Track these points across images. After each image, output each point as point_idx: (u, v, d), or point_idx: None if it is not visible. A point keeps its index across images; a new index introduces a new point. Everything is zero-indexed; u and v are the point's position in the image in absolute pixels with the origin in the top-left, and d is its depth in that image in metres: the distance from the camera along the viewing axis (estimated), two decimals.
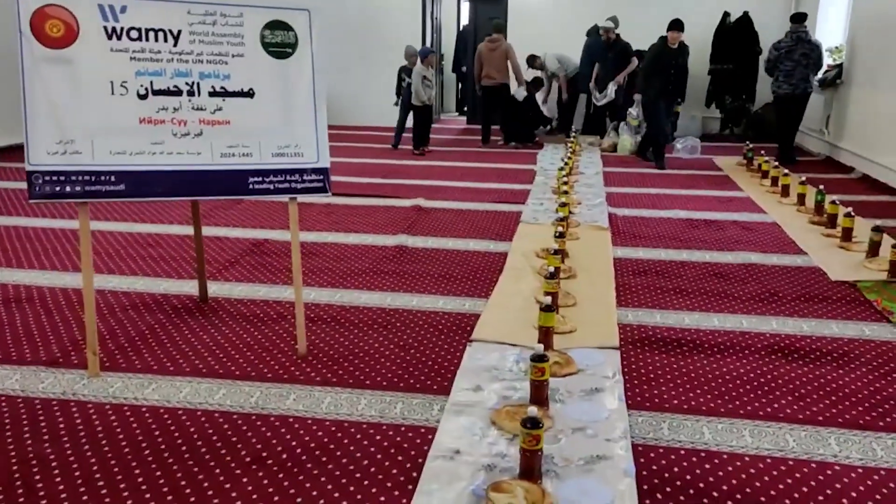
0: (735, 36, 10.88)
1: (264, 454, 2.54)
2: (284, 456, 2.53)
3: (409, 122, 9.65)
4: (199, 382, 3.07)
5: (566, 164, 7.55)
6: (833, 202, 5.73)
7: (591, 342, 3.47)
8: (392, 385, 3.06)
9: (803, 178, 6.61)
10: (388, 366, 3.25)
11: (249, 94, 3.28)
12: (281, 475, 2.41)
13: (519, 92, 10.23)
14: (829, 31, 10.18)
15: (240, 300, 4.05)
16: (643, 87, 8.96)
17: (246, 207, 6.08)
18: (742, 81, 10.90)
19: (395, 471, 2.45)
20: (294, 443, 2.61)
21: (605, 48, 10.01)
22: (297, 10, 3.33)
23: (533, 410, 2.34)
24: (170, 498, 2.29)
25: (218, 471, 2.44)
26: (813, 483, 2.37)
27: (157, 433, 2.67)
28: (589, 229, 5.54)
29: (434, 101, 9.72)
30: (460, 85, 14.33)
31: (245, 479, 2.39)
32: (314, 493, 2.32)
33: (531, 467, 2.34)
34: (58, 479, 2.37)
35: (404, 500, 2.28)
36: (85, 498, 2.28)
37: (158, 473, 2.41)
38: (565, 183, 6.47)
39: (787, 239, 5.39)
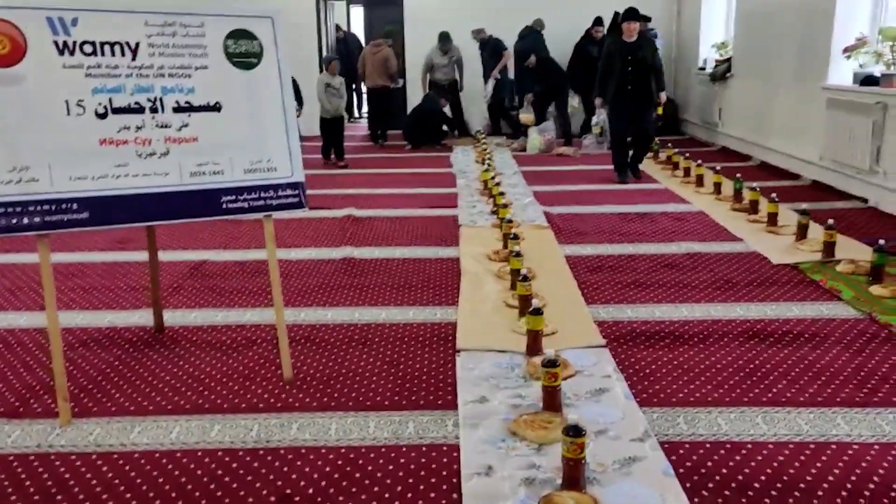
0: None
1: (288, 491, 2.38)
2: (311, 491, 2.38)
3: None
4: (188, 420, 2.85)
5: (489, 166, 7.58)
6: (753, 189, 6.02)
7: (577, 342, 3.47)
8: (395, 404, 2.95)
9: (718, 168, 6.91)
10: (382, 384, 3.13)
11: (216, 107, 3.08)
12: None
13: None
14: (713, 27, 10.74)
15: (199, 327, 3.81)
16: (599, 91, 7.62)
17: (173, 228, 5.73)
18: None
19: (433, 494, 2.35)
20: (315, 475, 2.46)
21: (480, 48, 10.74)
22: (259, 17, 3.17)
23: (574, 419, 2.30)
24: None
25: None
26: (841, 464, 2.45)
27: (160, 480, 2.45)
28: (531, 229, 5.57)
29: (343, 112, 9.18)
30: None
31: None
32: None
33: (576, 477, 2.30)
34: None
35: None
36: None
37: None
38: (498, 184, 6.50)
39: (718, 227, 5.62)
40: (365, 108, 12.75)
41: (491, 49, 10.65)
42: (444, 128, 10.91)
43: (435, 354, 3.42)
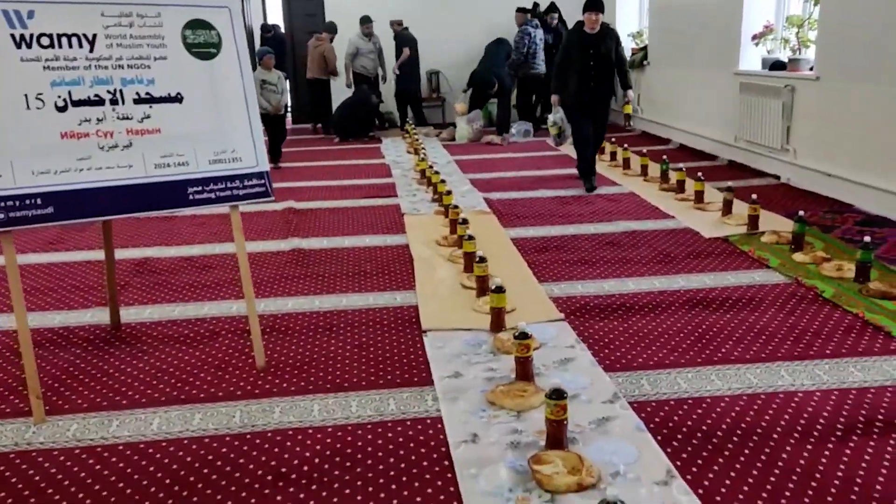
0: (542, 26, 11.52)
1: (283, 469, 2.44)
2: (306, 468, 2.44)
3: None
4: (167, 411, 2.86)
5: (424, 156, 7.68)
6: (679, 170, 6.34)
7: (537, 318, 3.62)
8: (373, 384, 3.03)
9: (645, 151, 7.22)
10: (355, 366, 3.20)
11: (178, 98, 3.07)
12: (314, 486, 2.33)
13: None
14: (628, 17, 11.15)
15: (157, 322, 3.78)
16: (556, 87, 6.78)
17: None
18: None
19: (425, 463, 2.45)
20: (307, 454, 2.53)
21: (395, 42, 10.97)
22: (216, 7, 3.17)
23: (556, 382, 2.45)
24: None
25: (244, 494, 2.31)
26: (790, 410, 2.68)
27: (151, 468, 2.47)
28: (474, 214, 5.70)
29: (282, 109, 8.49)
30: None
31: (279, 497, 2.28)
32: (359, 497, 2.27)
33: (559, 437, 2.44)
34: None
35: (451, 488, 2.30)
36: None
37: (196, 501, 2.24)
38: (437, 173, 6.61)
39: (650, 206, 5.90)
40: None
41: (398, 44, 10.90)
42: (378, 123, 10.98)
43: (402, 336, 3.51)
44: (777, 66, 6.99)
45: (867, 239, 4.02)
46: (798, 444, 2.47)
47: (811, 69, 6.37)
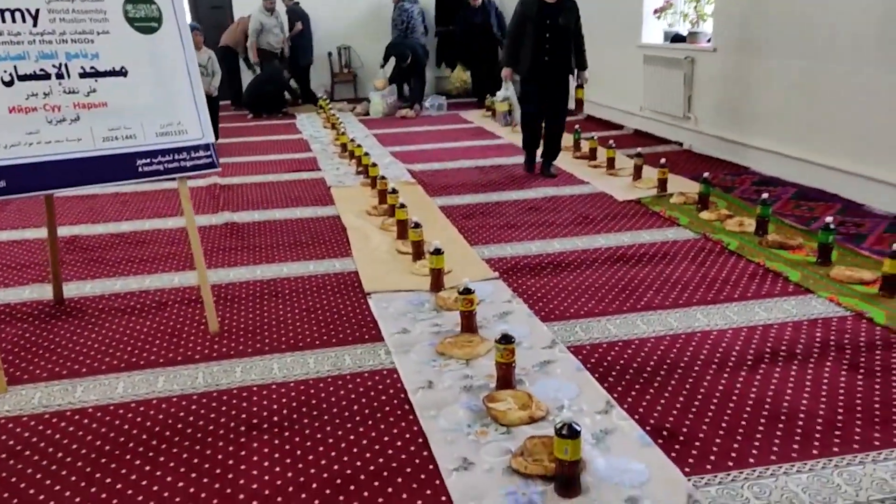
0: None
1: (254, 421, 2.59)
2: (276, 419, 2.60)
3: None
4: (129, 376, 2.95)
5: (344, 131, 7.78)
6: (591, 138, 6.70)
7: (473, 277, 3.86)
8: (326, 343, 3.20)
9: None
10: (306, 328, 3.36)
11: (122, 72, 3.12)
12: (287, 434, 2.50)
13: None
14: None
15: (100, 296, 3.82)
16: (507, 59, 6.14)
17: (31, 205, 5.50)
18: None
19: (387, 408, 2.65)
20: (275, 406, 2.69)
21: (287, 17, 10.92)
22: None
23: (504, 328, 2.69)
24: (193, 475, 2.29)
25: (221, 443, 2.46)
26: (707, 347, 3.03)
27: (126, 427, 2.58)
28: (401, 185, 5.88)
29: (215, 91, 8.16)
30: None
31: (255, 444, 2.44)
32: (331, 440, 2.46)
33: (508, 378, 2.70)
34: (66, 491, 2.23)
35: (414, 427, 2.52)
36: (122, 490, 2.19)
37: (162, 459, 2.37)
38: (359, 146, 6.74)
39: (566, 173, 6.22)
40: None
41: (290, 17, 10.93)
42: (291, 98, 10.93)
43: (347, 299, 3.69)
44: (677, 38, 7.44)
45: (765, 196, 4.44)
46: (716, 373, 2.81)
47: (709, 41, 6.82)
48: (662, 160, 5.52)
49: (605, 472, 2.22)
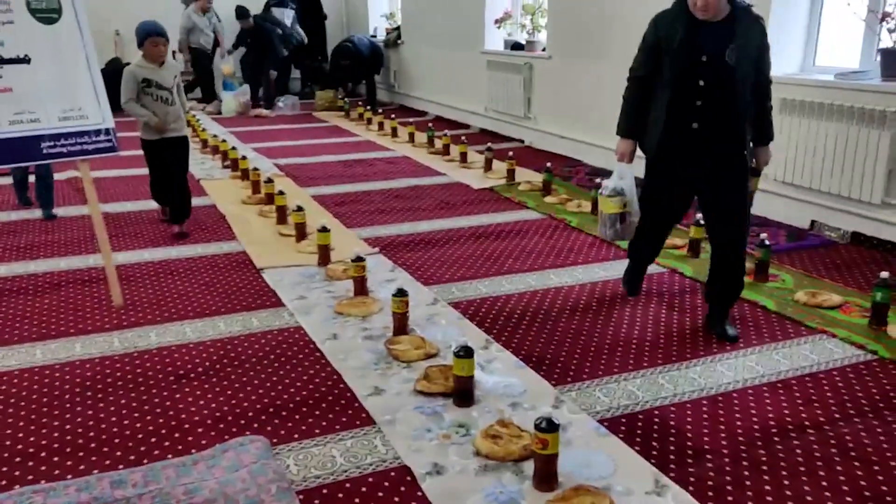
0: (303, 5, 11.95)
1: (181, 372, 2.90)
2: (201, 369, 2.92)
3: None
4: (45, 344, 3.14)
5: (204, 128, 7.91)
6: (444, 135, 7.31)
7: (356, 252, 4.30)
8: (231, 309, 3.53)
9: (412, 121, 8.11)
10: (209, 299, 3.66)
11: (26, 60, 3.30)
12: (215, 379, 2.84)
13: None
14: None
15: None
16: (625, 123, 3.45)
17: None
18: (316, 45, 12.08)
19: (300, 356, 3.05)
20: (197, 360, 3.00)
21: None
22: None
23: (399, 285, 3.16)
24: (136, 415, 2.58)
25: (155, 391, 2.75)
26: (560, 298, 3.66)
27: (57, 384, 2.80)
28: (272, 176, 6.18)
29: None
30: None
31: (187, 389, 2.76)
32: (256, 381, 2.82)
33: (403, 325, 3.18)
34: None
35: (329, 368, 2.93)
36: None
37: (102, 405, 2.64)
38: (224, 141, 6.94)
39: (423, 166, 6.78)
40: None
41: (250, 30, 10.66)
42: None
43: (241, 275, 4.01)
44: (517, 46, 8.21)
45: (598, 181, 5.20)
46: (569, 316, 3.44)
47: (544, 49, 7.64)
48: (510, 153, 6.21)
49: (491, 388, 2.75)
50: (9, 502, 2.07)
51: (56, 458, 2.33)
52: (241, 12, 10.37)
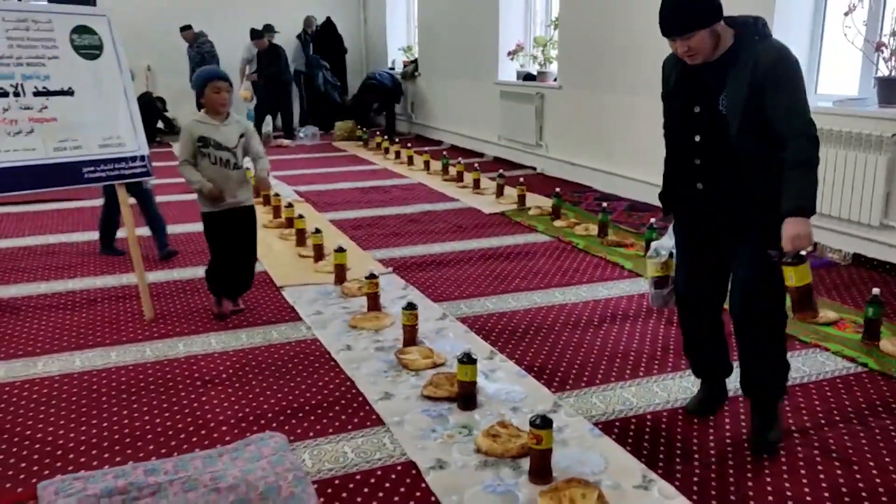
0: (324, 40, 12.35)
1: (207, 378, 3.13)
2: (225, 376, 3.16)
3: None
4: (83, 353, 3.39)
5: None
6: (458, 163, 7.57)
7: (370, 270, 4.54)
8: (253, 323, 3.77)
9: (427, 150, 8.39)
10: (233, 314, 3.90)
11: (70, 92, 3.60)
12: (238, 384, 3.07)
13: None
14: (398, 32, 12.37)
15: (28, 297, 4.17)
16: (664, 189, 2.86)
17: None
18: (338, 78, 12.43)
19: (317, 364, 3.28)
20: (222, 368, 3.23)
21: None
22: (97, 15, 3.74)
23: (411, 299, 3.39)
24: (166, 415, 2.81)
25: (184, 392, 2.98)
26: (564, 314, 3.87)
27: (95, 387, 3.04)
28: (292, 202, 6.46)
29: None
30: None
31: (213, 392, 2.99)
32: (275, 387, 3.04)
33: (413, 337, 3.40)
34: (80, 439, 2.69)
35: (342, 375, 3.15)
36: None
37: (136, 405, 2.88)
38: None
39: (438, 192, 7.04)
40: None
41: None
42: (161, 125, 11.15)
43: (263, 292, 4.25)
44: (529, 77, 8.50)
45: (605, 204, 5.43)
46: (571, 330, 3.64)
47: (555, 80, 7.91)
48: (521, 179, 6.45)
49: (494, 393, 2.96)
50: (51, 488, 2.30)
51: (94, 452, 2.57)
52: (256, 33, 10.72)
